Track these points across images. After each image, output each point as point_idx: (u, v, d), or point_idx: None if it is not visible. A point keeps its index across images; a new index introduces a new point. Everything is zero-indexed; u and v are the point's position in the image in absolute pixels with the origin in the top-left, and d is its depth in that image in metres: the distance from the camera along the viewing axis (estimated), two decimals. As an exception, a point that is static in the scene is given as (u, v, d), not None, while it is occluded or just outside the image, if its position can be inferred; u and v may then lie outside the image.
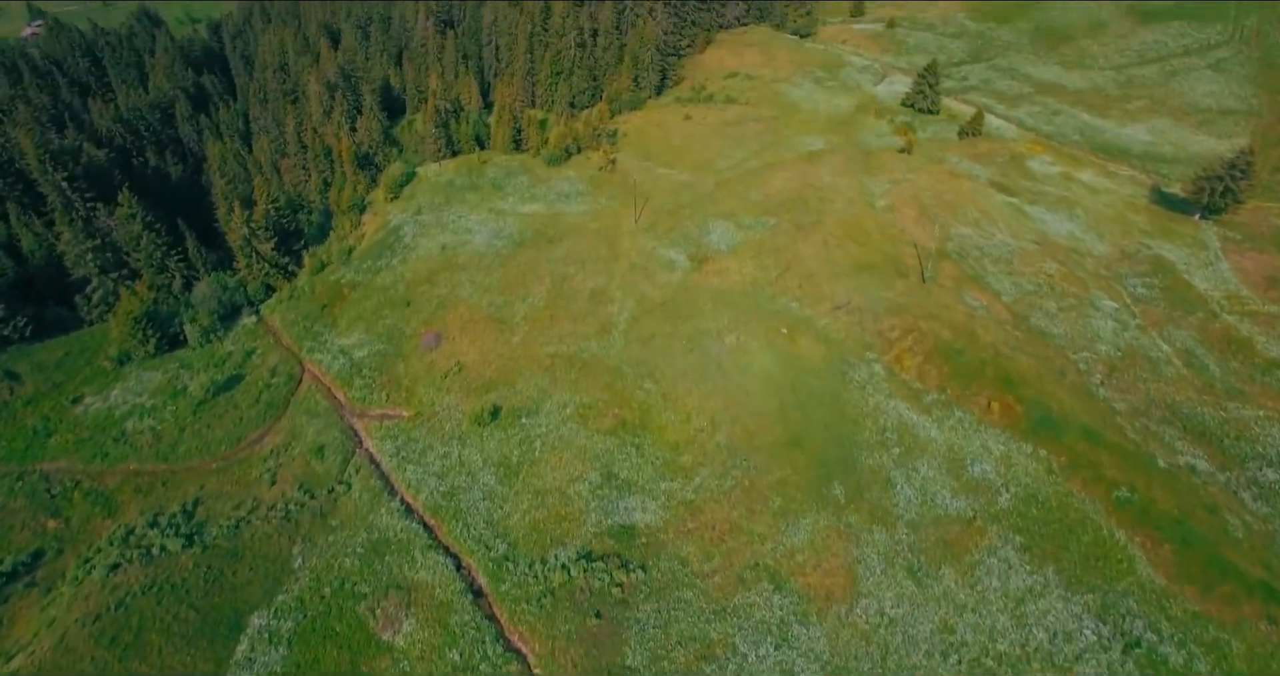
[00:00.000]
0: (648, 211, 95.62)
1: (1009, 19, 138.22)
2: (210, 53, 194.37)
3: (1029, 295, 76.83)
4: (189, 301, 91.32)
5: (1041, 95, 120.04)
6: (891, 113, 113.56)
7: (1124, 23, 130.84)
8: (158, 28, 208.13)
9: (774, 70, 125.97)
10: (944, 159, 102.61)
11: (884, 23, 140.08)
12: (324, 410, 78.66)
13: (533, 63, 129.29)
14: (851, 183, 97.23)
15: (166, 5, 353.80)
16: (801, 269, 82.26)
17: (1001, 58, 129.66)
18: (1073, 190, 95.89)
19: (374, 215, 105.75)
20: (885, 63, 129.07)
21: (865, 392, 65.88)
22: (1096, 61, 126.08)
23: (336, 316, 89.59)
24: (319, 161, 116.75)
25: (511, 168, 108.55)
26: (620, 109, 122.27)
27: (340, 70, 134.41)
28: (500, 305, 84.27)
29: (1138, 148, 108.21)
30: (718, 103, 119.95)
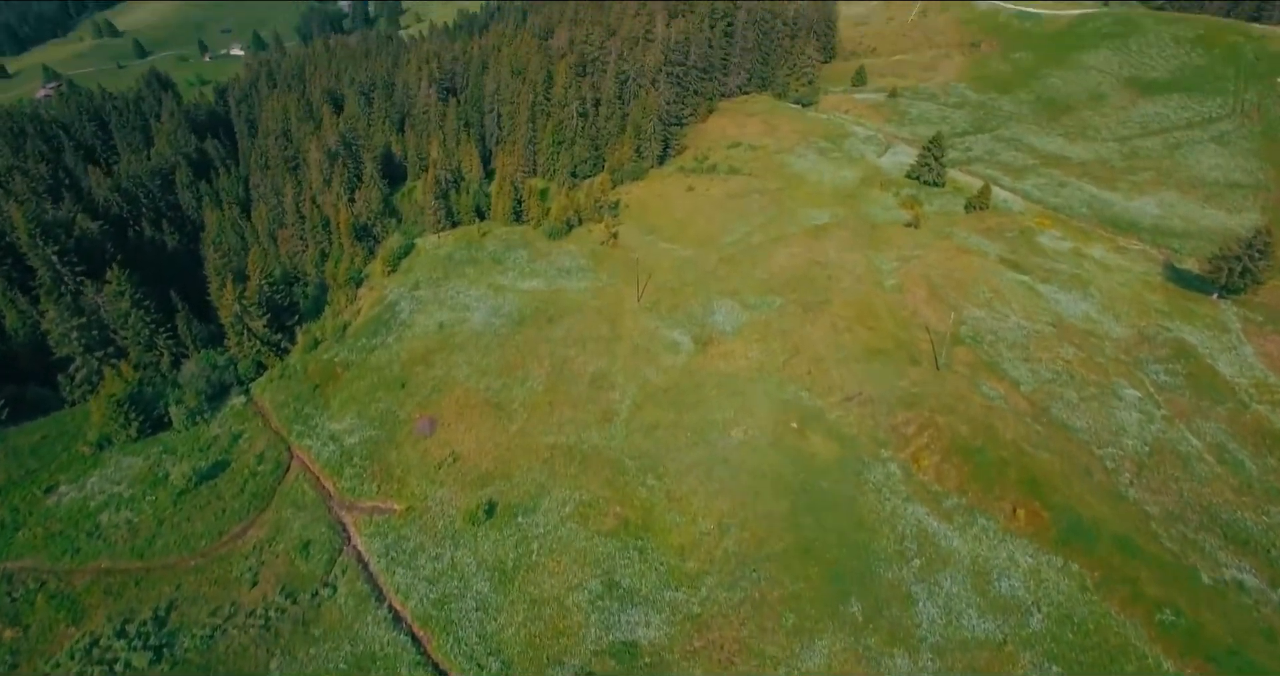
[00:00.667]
0: (650, 289, 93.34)
1: (1010, 89, 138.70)
2: (215, 117, 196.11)
3: (1048, 384, 73.76)
4: (176, 381, 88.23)
5: (1047, 167, 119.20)
6: (897, 185, 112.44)
7: (1124, 94, 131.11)
8: (166, 91, 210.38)
9: (777, 140, 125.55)
10: (952, 234, 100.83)
11: (886, 92, 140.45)
12: (311, 501, 74.89)
13: (534, 132, 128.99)
14: (859, 259, 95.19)
15: (177, 68, 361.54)
16: (810, 353, 79.42)
17: (1004, 128, 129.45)
18: (1085, 267, 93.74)
19: (371, 289, 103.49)
20: (888, 133, 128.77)
21: (881, 495, 62.23)
22: (1099, 133, 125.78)
23: (329, 397, 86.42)
24: (316, 232, 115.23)
25: (511, 240, 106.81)
26: (622, 179, 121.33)
27: (341, 137, 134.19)
28: (498, 389, 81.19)
29: (1147, 221, 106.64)
30: (721, 173, 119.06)
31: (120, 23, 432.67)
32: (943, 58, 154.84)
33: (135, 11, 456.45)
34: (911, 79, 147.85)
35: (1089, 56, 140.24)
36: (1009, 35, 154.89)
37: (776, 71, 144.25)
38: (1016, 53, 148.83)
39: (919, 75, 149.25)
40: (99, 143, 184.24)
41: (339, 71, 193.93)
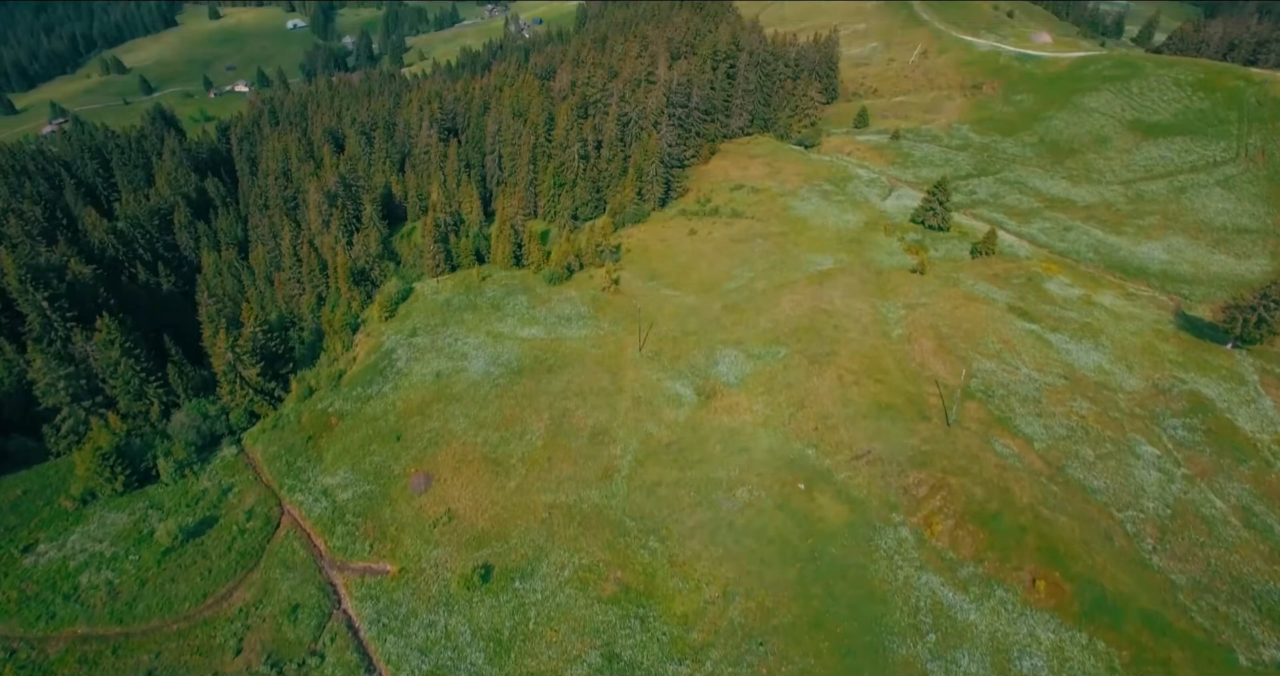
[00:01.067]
0: (652, 337, 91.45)
1: (1013, 131, 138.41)
2: (217, 155, 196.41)
3: (1062, 440, 71.42)
4: (165, 431, 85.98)
5: (1052, 210, 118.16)
6: (902, 230, 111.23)
7: (1127, 138, 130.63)
8: (169, 128, 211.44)
9: (780, 183, 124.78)
10: (959, 280, 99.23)
11: (889, 134, 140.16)
12: (301, 561, 72.22)
13: (535, 173, 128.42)
14: (864, 307, 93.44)
15: (182, 104, 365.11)
16: (816, 408, 77.22)
17: (1008, 171, 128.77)
18: (1095, 315, 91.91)
19: (367, 335, 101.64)
20: (892, 176, 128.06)
21: (894, 563, 59.55)
22: (1104, 176, 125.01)
23: (322, 449, 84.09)
24: (314, 276, 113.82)
25: (511, 286, 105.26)
26: (624, 222, 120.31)
27: (341, 179, 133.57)
28: (496, 443, 78.86)
29: (1155, 266, 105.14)
30: (723, 217, 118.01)
31: (128, 60, 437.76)
32: (945, 99, 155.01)
33: (143, 49, 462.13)
34: (914, 120, 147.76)
35: (1091, 99, 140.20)
36: (1010, 77, 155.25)
37: (779, 113, 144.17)
38: (1018, 95, 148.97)
39: (921, 117, 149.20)
40: (100, 180, 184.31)
41: (341, 110, 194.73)
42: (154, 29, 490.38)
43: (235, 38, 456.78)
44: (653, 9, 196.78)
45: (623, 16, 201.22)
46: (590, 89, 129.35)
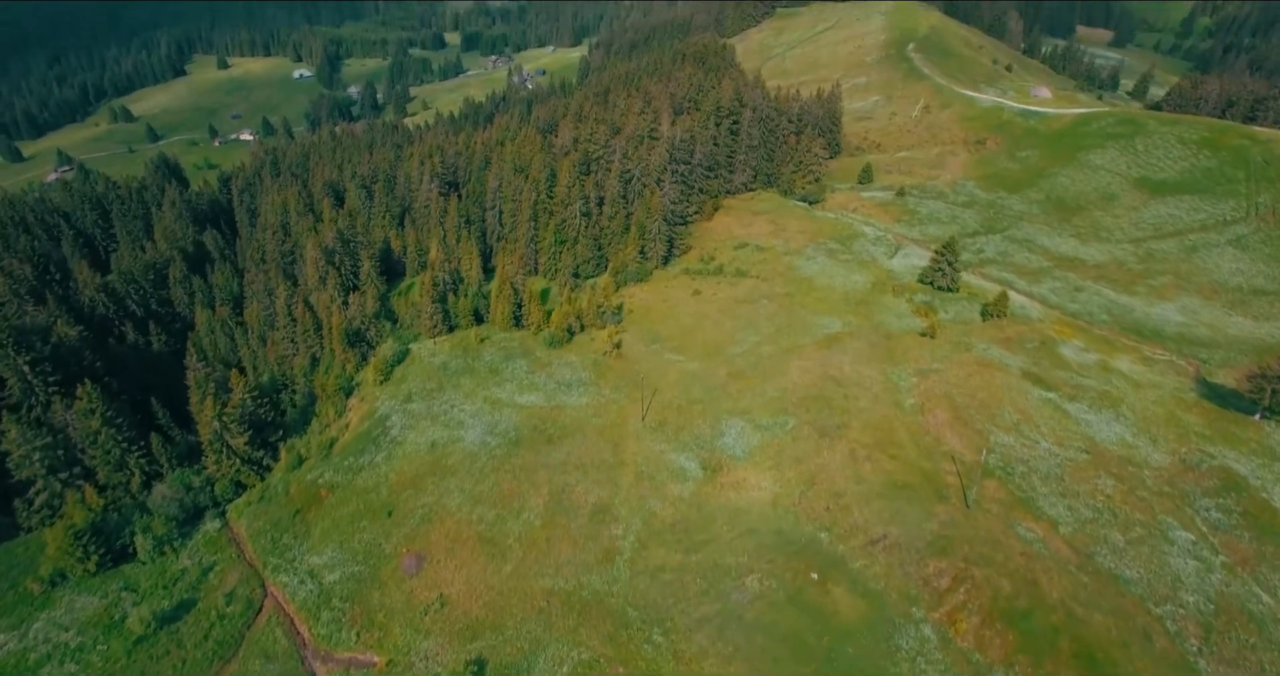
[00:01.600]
0: (655, 406, 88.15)
1: (1019, 189, 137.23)
2: (217, 206, 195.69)
3: (1089, 523, 67.53)
4: (145, 505, 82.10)
5: (1061, 269, 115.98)
6: (910, 291, 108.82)
7: (1134, 195, 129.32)
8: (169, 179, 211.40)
9: (785, 241, 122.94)
10: (970, 345, 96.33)
11: (894, 191, 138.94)
12: (283, 651, 67.75)
13: (536, 230, 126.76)
14: (875, 374, 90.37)
15: (187, 152, 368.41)
16: (828, 485, 73.51)
17: (1015, 228, 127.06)
18: (1114, 383, 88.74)
19: (361, 400, 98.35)
20: (898, 233, 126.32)
21: (916, 666, 55.23)
22: (1112, 234, 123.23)
23: (310, 524, 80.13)
24: (308, 337, 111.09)
25: (510, 349, 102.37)
26: (626, 281, 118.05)
27: (340, 235, 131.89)
28: (492, 521, 74.97)
29: (1170, 329, 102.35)
30: (727, 276, 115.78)
31: (136, 108, 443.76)
32: (949, 155, 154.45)
33: (151, 98, 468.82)
34: (918, 176, 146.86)
35: (1096, 156, 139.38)
36: (1014, 133, 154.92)
37: (782, 169, 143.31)
38: (1023, 151, 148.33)
39: (926, 172, 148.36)
40: (99, 231, 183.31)
41: (342, 162, 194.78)
42: (164, 78, 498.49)
43: (242, 87, 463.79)
44: (655, 63, 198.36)
45: (625, 70, 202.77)
46: (592, 145, 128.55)
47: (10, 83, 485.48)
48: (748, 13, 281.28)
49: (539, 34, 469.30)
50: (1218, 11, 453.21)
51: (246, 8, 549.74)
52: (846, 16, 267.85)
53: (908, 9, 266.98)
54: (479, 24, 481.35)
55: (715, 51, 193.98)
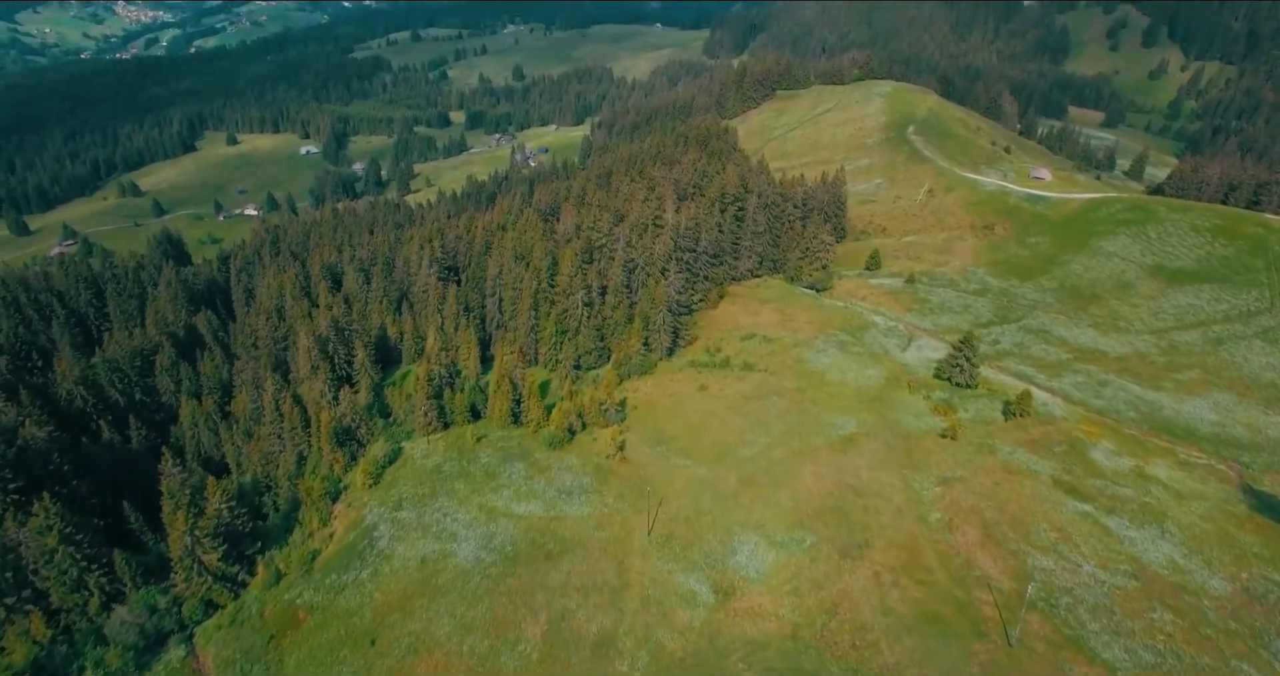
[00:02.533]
0: (662, 517, 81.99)
1: (1031, 276, 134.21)
2: (214, 286, 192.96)
3: (1151, 670, 60.55)
4: (101, 631, 74.92)
5: (1082, 362, 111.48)
6: (926, 387, 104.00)
7: (1150, 284, 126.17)
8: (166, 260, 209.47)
9: (793, 332, 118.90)
10: (994, 447, 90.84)
11: (903, 278, 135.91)
12: None
13: (537, 320, 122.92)
14: (895, 481, 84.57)
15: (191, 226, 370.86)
16: (853, 616, 66.78)
17: (1031, 318, 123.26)
18: (1153, 492, 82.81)
19: (348, 506, 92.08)
20: (910, 323, 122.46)
21: None
22: (1132, 324, 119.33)
23: (284, 654, 72.90)
24: (295, 434, 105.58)
25: (508, 449, 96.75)
26: (629, 374, 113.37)
27: (334, 323, 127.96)
28: (485, 653, 67.89)
29: (1205, 429, 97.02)
30: (735, 370, 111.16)
31: (144, 183, 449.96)
32: (956, 240, 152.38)
33: (160, 172, 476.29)
34: (927, 262, 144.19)
35: (1108, 243, 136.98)
36: (1022, 218, 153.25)
37: (788, 254, 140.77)
38: (1032, 237, 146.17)
39: (934, 258, 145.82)
40: (93, 310, 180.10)
41: (342, 242, 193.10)
42: (174, 154, 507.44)
43: (249, 163, 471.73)
44: (658, 146, 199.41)
45: (627, 152, 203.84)
46: (595, 233, 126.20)
47: (26, 158, 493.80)
48: (749, 95, 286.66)
49: (542, 113, 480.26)
50: (1202, 96, 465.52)
51: (258, 87, 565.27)
52: (846, 99, 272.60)
53: (906, 92, 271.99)
54: (483, 103, 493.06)
55: (718, 134, 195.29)
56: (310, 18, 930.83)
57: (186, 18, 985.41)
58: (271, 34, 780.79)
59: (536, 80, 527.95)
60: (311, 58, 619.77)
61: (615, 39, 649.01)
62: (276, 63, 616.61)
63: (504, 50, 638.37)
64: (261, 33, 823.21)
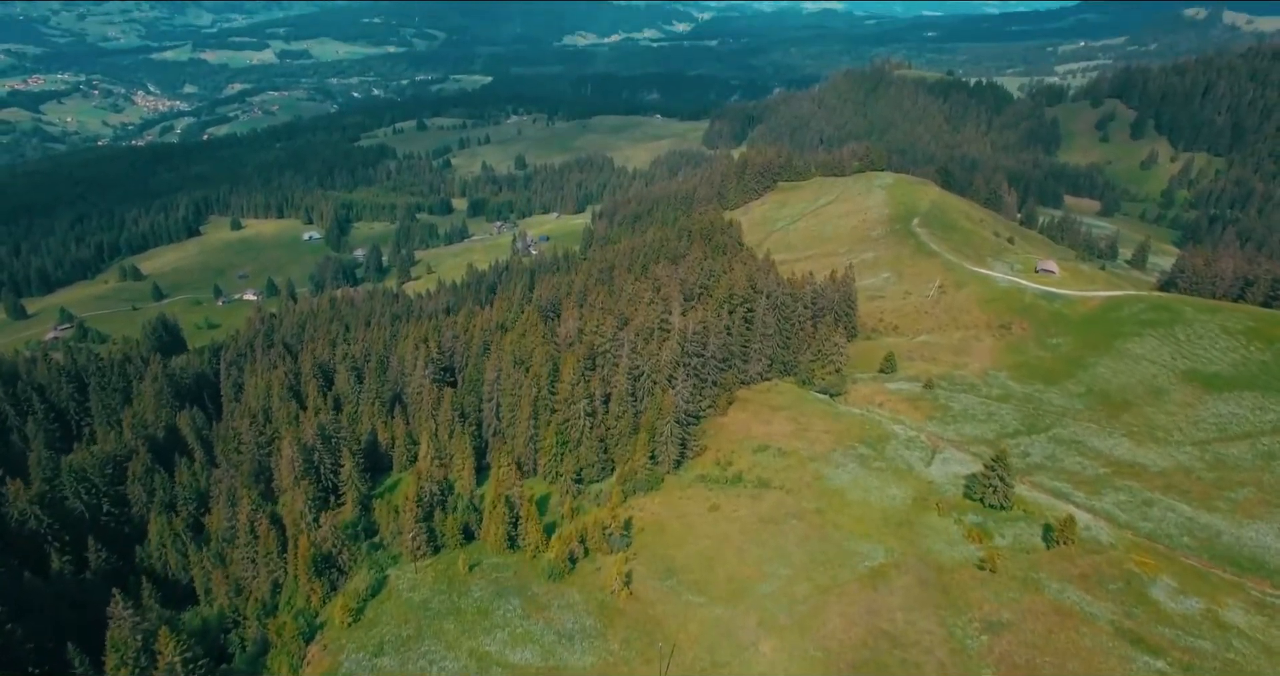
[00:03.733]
0: (674, 671, 72.48)
1: (1056, 380, 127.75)
2: (203, 380, 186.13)
3: None
4: None
5: (1122, 478, 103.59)
6: (957, 508, 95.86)
7: (1185, 390, 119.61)
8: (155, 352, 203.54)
9: (809, 443, 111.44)
10: (1040, 583, 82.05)
11: (920, 382, 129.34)
12: None
13: (536, 429, 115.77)
14: (934, 626, 75.45)
15: (189, 311, 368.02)
16: None
17: (1060, 427, 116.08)
18: (1235, 645, 73.56)
19: (323, 649, 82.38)
20: (932, 433, 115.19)
21: None
22: (1170, 435, 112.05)
23: None
24: (271, 559, 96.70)
25: (503, 581, 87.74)
26: (634, 490, 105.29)
27: (321, 431, 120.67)
28: None
29: (1274, 559, 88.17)
30: (748, 486, 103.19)
31: (146, 267, 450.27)
32: (973, 340, 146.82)
33: (162, 256, 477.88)
34: (944, 364, 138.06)
35: (1135, 345, 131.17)
36: (1040, 317, 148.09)
37: (800, 357, 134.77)
38: (1053, 338, 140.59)
39: (951, 360, 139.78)
40: (74, 404, 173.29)
41: (337, 336, 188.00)
42: (178, 238, 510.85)
43: (252, 247, 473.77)
44: (660, 240, 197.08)
45: (629, 245, 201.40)
46: (599, 338, 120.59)
47: (33, 241, 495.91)
48: (750, 186, 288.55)
49: (543, 201, 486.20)
50: (1193, 186, 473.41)
51: (265, 173, 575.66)
52: (848, 191, 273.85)
53: (907, 183, 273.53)
54: (485, 191, 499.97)
55: (721, 228, 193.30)
56: (320, 107, 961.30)
57: (202, 106, 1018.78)
58: (282, 122, 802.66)
59: (538, 169, 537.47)
60: (319, 145, 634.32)
61: (615, 129, 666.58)
62: (285, 150, 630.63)
63: (507, 139, 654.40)
64: (272, 121, 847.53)
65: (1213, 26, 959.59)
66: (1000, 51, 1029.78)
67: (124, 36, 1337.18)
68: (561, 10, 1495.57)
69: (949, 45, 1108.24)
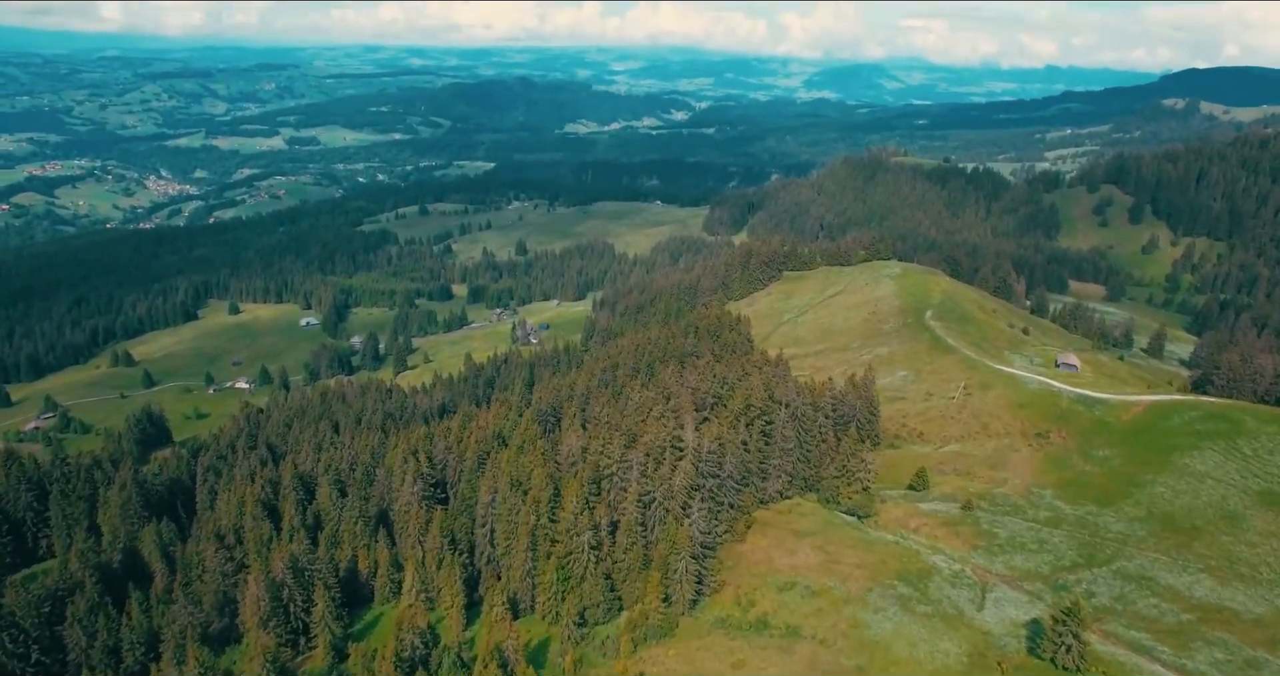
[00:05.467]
0: None
1: (1110, 501, 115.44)
2: (178, 487, 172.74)
3: None
4: None
5: (1211, 626, 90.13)
6: (1022, 670, 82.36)
7: (1265, 516, 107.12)
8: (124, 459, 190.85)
9: (841, 580, 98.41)
10: (1140, 777, 67.91)
11: (958, 503, 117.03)
12: None
13: (534, 562, 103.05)
14: None
15: (179, 400, 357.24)
16: None
17: (1124, 558, 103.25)
18: None
19: None
20: (978, 567, 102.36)
21: None
22: (1258, 572, 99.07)
23: None
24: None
25: (489, 770, 73.33)
26: (646, 636, 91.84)
27: (292, 563, 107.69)
28: None
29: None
30: (775, 635, 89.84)
31: (138, 352, 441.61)
32: (1008, 450, 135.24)
33: (156, 341, 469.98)
34: (980, 480, 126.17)
35: (1195, 461, 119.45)
36: (1081, 426, 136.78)
37: (822, 472, 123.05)
38: (1099, 450, 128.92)
39: (988, 475, 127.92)
40: (32, 515, 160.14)
41: (324, 439, 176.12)
42: (175, 322, 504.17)
43: (248, 333, 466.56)
44: (666, 337, 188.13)
45: (633, 342, 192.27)
46: (605, 459, 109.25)
47: (29, 325, 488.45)
48: (755, 276, 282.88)
49: (544, 288, 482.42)
50: (1197, 270, 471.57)
51: (266, 257, 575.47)
52: (855, 281, 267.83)
53: (915, 273, 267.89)
54: (485, 277, 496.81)
55: (729, 325, 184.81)
56: (326, 192, 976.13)
57: (210, 190, 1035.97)
58: (286, 207, 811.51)
59: (539, 255, 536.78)
60: (321, 230, 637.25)
61: (616, 216, 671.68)
62: (287, 234, 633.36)
63: (508, 225, 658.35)
64: (278, 205, 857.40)
65: (1192, 115, 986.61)
66: (990, 138, 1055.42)
67: (141, 124, 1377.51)
68: (563, 100, 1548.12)
69: (940, 132, 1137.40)
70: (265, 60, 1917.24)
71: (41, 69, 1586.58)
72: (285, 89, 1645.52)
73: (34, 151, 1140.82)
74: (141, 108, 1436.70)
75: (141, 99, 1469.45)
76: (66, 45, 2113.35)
